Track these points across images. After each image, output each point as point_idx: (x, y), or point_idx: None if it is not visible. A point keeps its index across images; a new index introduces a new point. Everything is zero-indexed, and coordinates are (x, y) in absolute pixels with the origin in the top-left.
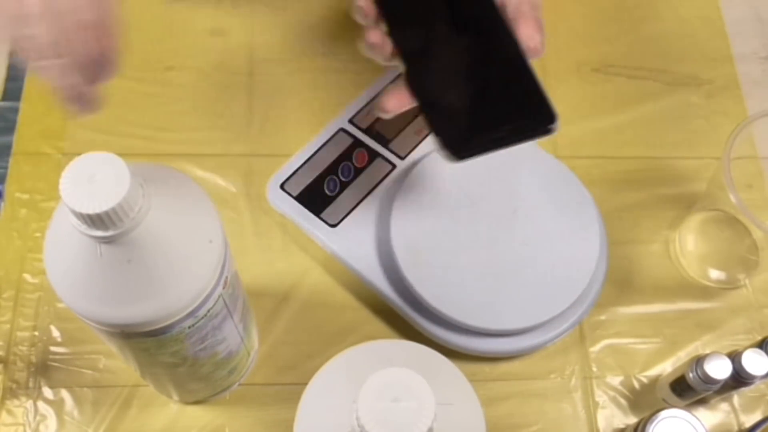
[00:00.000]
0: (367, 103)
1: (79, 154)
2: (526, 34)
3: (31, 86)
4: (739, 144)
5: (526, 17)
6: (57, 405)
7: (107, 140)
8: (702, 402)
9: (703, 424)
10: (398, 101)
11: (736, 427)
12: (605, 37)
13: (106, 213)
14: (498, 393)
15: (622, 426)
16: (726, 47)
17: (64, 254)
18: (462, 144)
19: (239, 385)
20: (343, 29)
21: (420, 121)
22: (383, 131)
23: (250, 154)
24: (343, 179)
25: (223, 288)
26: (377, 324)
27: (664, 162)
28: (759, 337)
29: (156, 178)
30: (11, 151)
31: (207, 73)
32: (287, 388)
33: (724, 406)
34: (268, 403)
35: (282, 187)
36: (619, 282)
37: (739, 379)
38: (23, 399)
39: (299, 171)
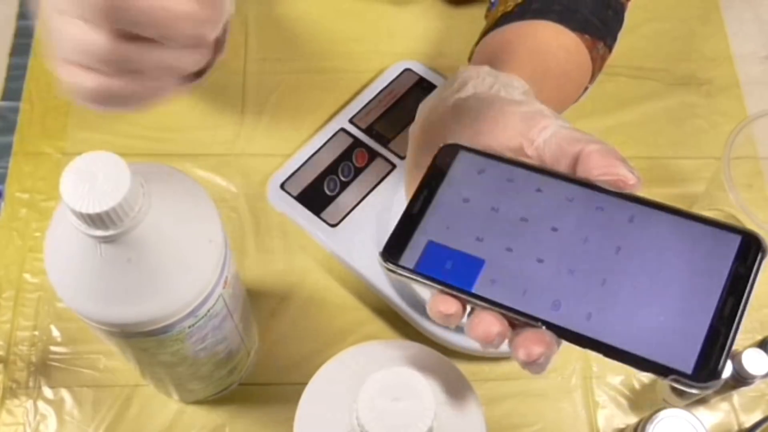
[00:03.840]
0: (367, 103)
1: (79, 154)
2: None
3: (31, 86)
4: (739, 144)
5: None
6: (57, 405)
7: (107, 140)
8: (702, 402)
9: (703, 424)
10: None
11: (736, 427)
12: None
13: (107, 212)
14: (498, 393)
15: (622, 426)
16: (726, 47)
17: (64, 254)
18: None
19: (239, 384)
20: (343, 28)
21: None
22: (383, 131)
23: (250, 154)
24: (343, 179)
25: (223, 288)
26: (377, 324)
27: (664, 162)
28: (759, 337)
29: (156, 178)
30: (11, 151)
31: None
32: (287, 388)
33: (724, 405)
34: (268, 403)
35: (282, 186)
36: None
37: (739, 378)
38: (23, 399)
39: (299, 171)
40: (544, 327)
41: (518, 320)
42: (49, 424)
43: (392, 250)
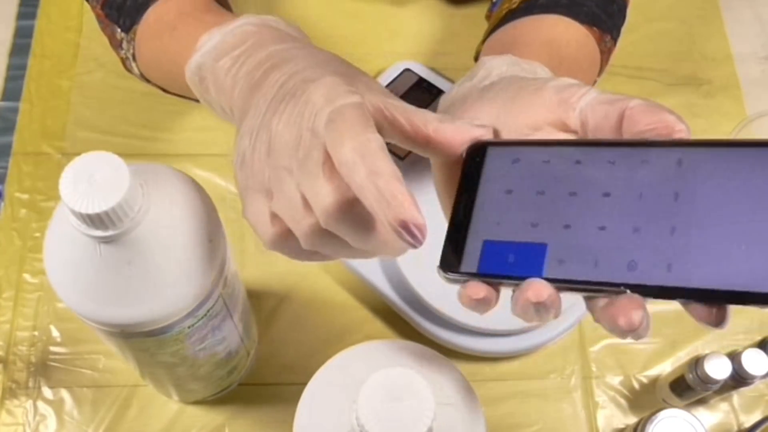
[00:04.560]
0: None
1: (79, 154)
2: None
3: (31, 86)
4: None
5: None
6: (57, 405)
7: (107, 140)
8: (702, 402)
9: (702, 424)
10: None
11: (735, 427)
12: None
13: (106, 213)
14: (498, 393)
15: (622, 426)
16: (726, 47)
17: (64, 254)
18: None
19: (239, 385)
20: (343, 28)
21: None
22: None
23: None
24: None
25: (223, 288)
26: (377, 324)
27: None
28: (759, 337)
29: (156, 178)
30: (11, 151)
31: None
32: (287, 388)
33: (724, 406)
34: (268, 403)
35: None
36: None
37: (739, 379)
38: (23, 399)
39: None
40: (628, 291)
41: (599, 292)
42: (48, 425)
43: (449, 261)
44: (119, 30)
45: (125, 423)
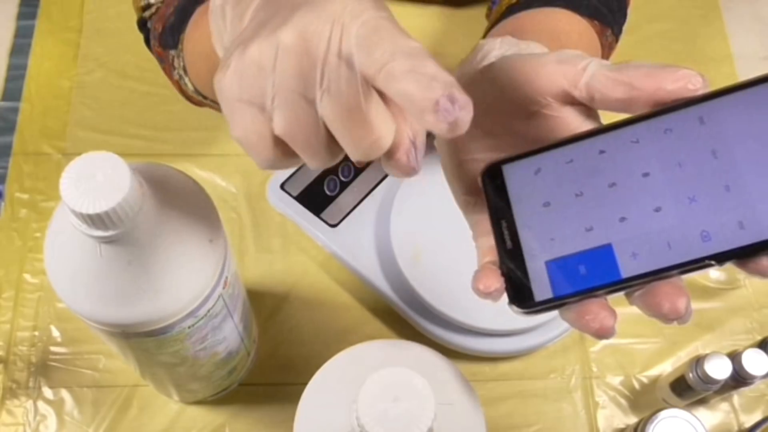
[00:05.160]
0: None
1: (79, 154)
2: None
3: (31, 86)
4: None
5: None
6: (57, 405)
7: (107, 140)
8: (702, 402)
9: (703, 424)
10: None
11: (736, 427)
12: None
13: (107, 213)
14: (498, 393)
15: (622, 426)
16: (726, 47)
17: (64, 254)
18: None
19: (239, 385)
20: None
21: None
22: None
23: None
24: (343, 179)
25: (223, 288)
26: (377, 324)
27: None
28: (759, 337)
29: (156, 178)
30: (11, 151)
31: None
32: (287, 388)
33: (724, 406)
34: (268, 403)
35: (282, 187)
36: None
37: (739, 379)
38: (23, 399)
39: (299, 171)
40: (714, 262)
41: (685, 273)
42: (49, 425)
43: (520, 296)
44: (172, 51)
45: (125, 423)
